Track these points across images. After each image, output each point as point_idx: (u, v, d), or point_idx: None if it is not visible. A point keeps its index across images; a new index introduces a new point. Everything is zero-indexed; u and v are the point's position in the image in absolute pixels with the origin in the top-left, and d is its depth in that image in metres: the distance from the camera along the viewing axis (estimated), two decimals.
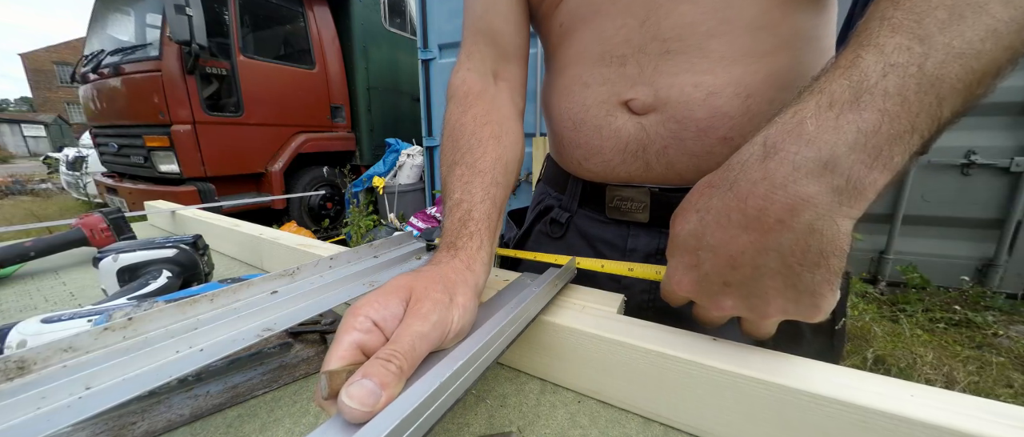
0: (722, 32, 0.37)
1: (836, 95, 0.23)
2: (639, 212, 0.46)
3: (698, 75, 0.38)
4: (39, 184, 8.43)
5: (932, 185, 2.24)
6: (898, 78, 0.22)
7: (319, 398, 0.22)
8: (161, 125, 2.93)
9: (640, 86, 0.40)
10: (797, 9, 0.37)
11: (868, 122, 0.22)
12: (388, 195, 3.59)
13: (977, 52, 0.22)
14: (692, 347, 0.30)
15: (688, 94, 0.38)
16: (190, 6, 2.66)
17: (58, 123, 25.90)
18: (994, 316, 2.08)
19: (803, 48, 0.39)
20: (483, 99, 0.45)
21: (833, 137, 0.23)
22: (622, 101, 0.42)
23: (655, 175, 0.43)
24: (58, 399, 0.24)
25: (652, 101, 0.40)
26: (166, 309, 0.30)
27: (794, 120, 0.24)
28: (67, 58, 25.57)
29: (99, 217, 0.70)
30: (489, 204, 0.38)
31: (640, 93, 0.40)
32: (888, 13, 0.24)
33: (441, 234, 0.37)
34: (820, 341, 0.43)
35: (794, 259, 0.24)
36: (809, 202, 0.23)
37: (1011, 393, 1.59)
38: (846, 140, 0.22)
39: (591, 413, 0.32)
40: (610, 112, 0.43)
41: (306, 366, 0.38)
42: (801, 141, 0.23)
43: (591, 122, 0.44)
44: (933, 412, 0.23)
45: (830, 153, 0.23)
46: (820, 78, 0.25)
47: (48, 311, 0.37)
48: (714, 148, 0.39)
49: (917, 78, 0.22)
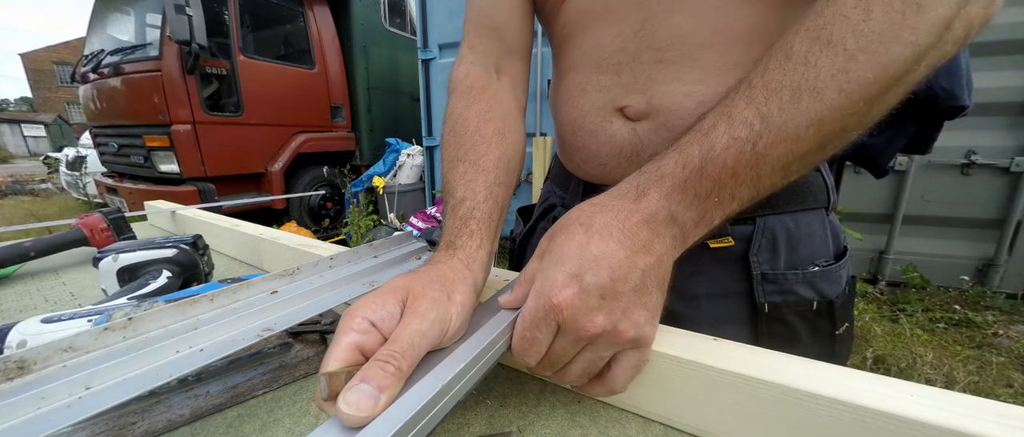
0: (714, 43, 0.37)
1: (690, 159, 0.28)
2: None
3: (690, 84, 0.38)
4: (39, 184, 8.43)
5: (932, 185, 2.24)
6: (735, 152, 0.27)
7: (319, 400, 0.22)
8: (161, 125, 2.93)
9: (634, 94, 0.41)
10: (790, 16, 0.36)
11: (704, 189, 0.28)
12: (388, 195, 3.59)
13: (798, 138, 0.26)
14: (692, 347, 0.30)
15: (679, 103, 0.39)
16: (190, 6, 2.66)
17: (58, 123, 25.90)
18: (994, 316, 2.08)
19: None
20: (486, 94, 0.45)
21: (680, 198, 0.28)
22: (618, 108, 0.42)
23: None
24: (58, 399, 0.24)
25: (645, 108, 0.41)
26: (166, 309, 0.30)
27: (658, 173, 0.29)
28: (67, 58, 25.57)
29: (99, 217, 0.70)
30: (491, 204, 0.38)
31: (634, 101, 0.41)
32: (755, 81, 0.28)
33: (442, 232, 0.37)
34: (819, 345, 0.43)
35: (648, 278, 0.28)
36: (661, 238, 0.28)
37: (1011, 393, 1.59)
38: (686, 201, 0.28)
39: (591, 413, 0.32)
40: (606, 118, 0.43)
41: (306, 366, 0.38)
42: (660, 194, 0.29)
43: (588, 127, 0.45)
44: (933, 412, 0.23)
45: (675, 209, 0.29)
46: (683, 138, 0.30)
47: (48, 311, 0.37)
48: None
49: (749, 155, 0.27)
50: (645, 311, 0.28)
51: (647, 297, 0.28)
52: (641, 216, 0.28)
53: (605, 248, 0.27)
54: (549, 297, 0.27)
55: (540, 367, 0.30)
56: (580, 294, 0.26)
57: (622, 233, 0.28)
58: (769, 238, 0.41)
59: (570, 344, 0.28)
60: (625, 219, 0.28)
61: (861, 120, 0.27)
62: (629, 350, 0.29)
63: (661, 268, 0.29)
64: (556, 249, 0.29)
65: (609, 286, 0.26)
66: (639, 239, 0.28)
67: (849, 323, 0.44)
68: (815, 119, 0.26)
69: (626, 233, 0.28)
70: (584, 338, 0.27)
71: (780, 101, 0.26)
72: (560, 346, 0.28)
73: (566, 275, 0.27)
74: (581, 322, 0.27)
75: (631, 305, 0.27)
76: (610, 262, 0.27)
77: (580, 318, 0.27)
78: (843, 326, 0.43)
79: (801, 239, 0.42)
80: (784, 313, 0.42)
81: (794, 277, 0.41)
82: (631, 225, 0.28)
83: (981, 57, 1.98)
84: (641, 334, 0.28)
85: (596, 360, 0.29)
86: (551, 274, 0.28)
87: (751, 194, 0.29)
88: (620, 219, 0.28)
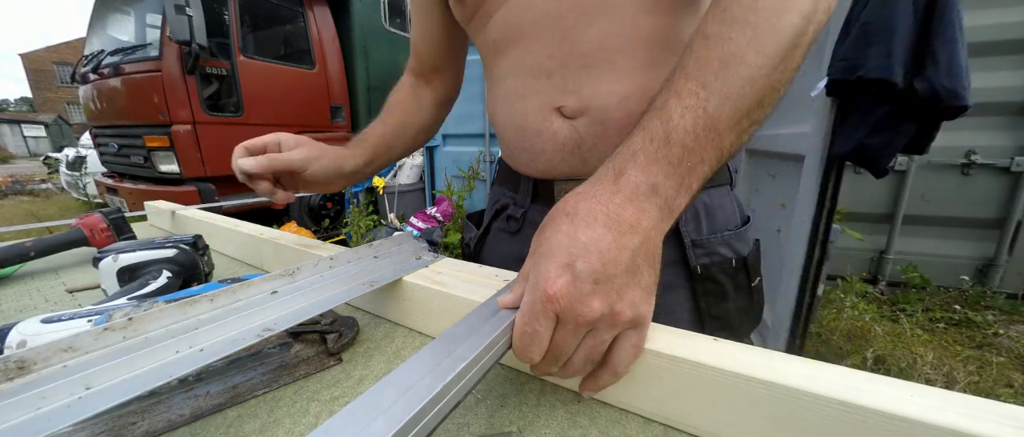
0: (627, 49, 0.44)
1: (654, 133, 0.30)
2: None
3: (612, 84, 0.45)
4: (39, 184, 8.44)
5: (932, 185, 2.24)
6: (692, 117, 0.30)
7: None
8: (161, 125, 2.92)
9: (568, 95, 0.47)
10: (683, 21, 0.44)
11: (675, 155, 0.30)
12: (388, 195, 3.59)
13: (739, 96, 0.30)
14: (692, 347, 0.30)
15: (606, 100, 0.45)
16: (190, 6, 2.66)
17: (58, 123, 25.91)
18: (994, 316, 2.08)
19: None
20: (402, 90, 0.68)
21: (656, 169, 0.30)
22: (555, 107, 0.48)
23: (591, 168, 0.47)
24: (58, 399, 0.24)
25: (579, 106, 0.46)
26: (166, 309, 0.30)
27: (629, 151, 0.31)
28: (67, 58, 25.58)
29: (99, 217, 0.70)
30: (380, 131, 0.64)
31: (569, 100, 0.47)
32: (686, 63, 0.32)
33: None
34: (742, 298, 0.51)
35: (640, 257, 0.29)
36: (647, 213, 0.29)
37: (1011, 393, 1.59)
38: (663, 171, 0.30)
39: (591, 413, 0.32)
40: (546, 117, 0.49)
41: (306, 366, 0.38)
42: (636, 169, 0.30)
43: (532, 127, 0.50)
44: (933, 412, 0.23)
45: (655, 180, 0.30)
46: (646, 113, 0.32)
47: (48, 311, 0.37)
48: None
49: (703, 117, 0.30)
50: (639, 290, 0.29)
51: (639, 276, 0.29)
52: (623, 195, 0.29)
53: (592, 234, 0.28)
54: (544, 289, 0.27)
55: (544, 363, 0.30)
56: (573, 282, 0.27)
57: (607, 217, 0.28)
58: (692, 211, 0.49)
59: (571, 333, 0.28)
60: (607, 202, 0.29)
61: (782, 75, 0.31)
62: (629, 331, 0.29)
63: (650, 245, 0.29)
64: (545, 243, 0.29)
65: (601, 270, 0.27)
66: (624, 220, 0.28)
67: (760, 277, 0.53)
68: (747, 78, 0.30)
69: (611, 216, 0.28)
70: (583, 324, 0.28)
71: (713, 70, 0.30)
72: (561, 336, 0.29)
73: (558, 265, 0.27)
74: (578, 309, 0.27)
75: (625, 286, 0.28)
76: (599, 247, 0.27)
77: (577, 305, 0.27)
78: (756, 279, 0.52)
79: (715, 209, 0.50)
80: (713, 273, 0.49)
81: (715, 240, 0.49)
82: (614, 207, 0.29)
83: (981, 57, 1.98)
84: (638, 313, 0.29)
85: (598, 345, 0.29)
86: (543, 266, 0.28)
87: (716, 155, 0.31)
88: (603, 203, 0.29)
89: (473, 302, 0.38)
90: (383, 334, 0.44)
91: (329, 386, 0.36)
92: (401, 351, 0.41)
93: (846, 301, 2.17)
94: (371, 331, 0.45)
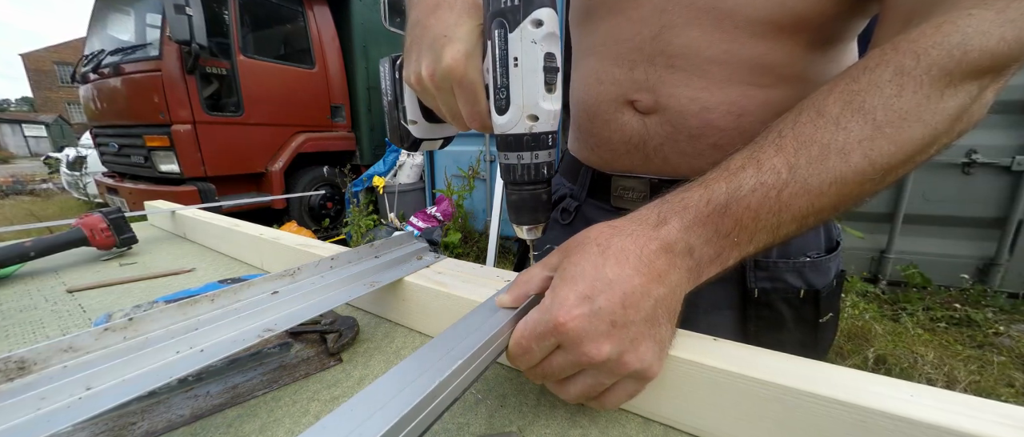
0: (724, 60, 0.40)
1: (715, 196, 0.28)
2: (639, 201, 0.49)
3: (696, 91, 0.42)
4: (40, 184, 8.44)
5: (933, 184, 2.24)
6: (760, 196, 0.28)
7: None
8: (161, 125, 2.93)
9: (644, 91, 0.44)
10: (802, 58, 0.39)
11: (725, 227, 0.28)
12: (388, 195, 3.59)
13: (820, 193, 0.28)
14: (692, 347, 0.30)
15: (684, 105, 0.42)
16: (190, 6, 2.66)
17: (59, 123, 25.92)
18: (995, 315, 2.08)
19: (806, 86, 0.40)
20: None
21: (700, 231, 0.28)
22: (628, 100, 0.46)
23: (653, 167, 0.47)
24: (58, 400, 0.24)
25: (653, 104, 0.44)
26: (166, 309, 0.30)
27: (681, 204, 0.29)
28: (68, 58, 25.59)
29: (99, 217, 0.70)
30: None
31: (644, 97, 0.45)
32: (785, 132, 0.29)
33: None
34: (803, 332, 0.46)
35: (661, 309, 0.27)
36: (677, 269, 0.28)
37: (1012, 392, 1.59)
38: (706, 236, 0.28)
39: (591, 413, 0.32)
40: (618, 109, 0.47)
41: (306, 366, 0.38)
42: (681, 224, 0.28)
43: (602, 116, 0.49)
44: (933, 412, 0.23)
45: (695, 243, 0.28)
46: (718, 168, 0.30)
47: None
48: (704, 151, 0.43)
49: (773, 201, 0.28)
50: (654, 344, 0.27)
51: (657, 328, 0.27)
52: (660, 243, 0.28)
53: (620, 272, 0.26)
54: (556, 315, 0.26)
55: (531, 374, 0.30)
56: (590, 317, 0.26)
57: (639, 259, 0.27)
58: None
59: (569, 364, 0.27)
60: (643, 245, 0.28)
61: (875, 186, 0.28)
62: (628, 379, 0.28)
63: (674, 300, 0.28)
64: (570, 267, 0.28)
65: (620, 313, 0.26)
66: (656, 268, 0.27)
67: (833, 314, 0.47)
68: (838, 179, 0.27)
69: (643, 260, 0.27)
70: (586, 363, 0.27)
71: (809, 155, 0.28)
72: (557, 362, 0.28)
73: (578, 295, 0.26)
74: (586, 346, 0.26)
75: (640, 336, 0.27)
76: (624, 287, 0.26)
77: (586, 341, 0.26)
78: (827, 315, 0.46)
79: None
80: (772, 300, 0.45)
81: (784, 265, 0.44)
82: (649, 252, 0.27)
83: None
84: (644, 368, 0.27)
85: (597, 386, 0.28)
86: (562, 292, 0.27)
87: (768, 240, 0.29)
88: (639, 245, 0.28)
89: (473, 302, 0.38)
90: (383, 334, 0.44)
91: (329, 386, 0.36)
92: (401, 351, 0.41)
93: (847, 300, 2.17)
94: (371, 331, 0.45)
